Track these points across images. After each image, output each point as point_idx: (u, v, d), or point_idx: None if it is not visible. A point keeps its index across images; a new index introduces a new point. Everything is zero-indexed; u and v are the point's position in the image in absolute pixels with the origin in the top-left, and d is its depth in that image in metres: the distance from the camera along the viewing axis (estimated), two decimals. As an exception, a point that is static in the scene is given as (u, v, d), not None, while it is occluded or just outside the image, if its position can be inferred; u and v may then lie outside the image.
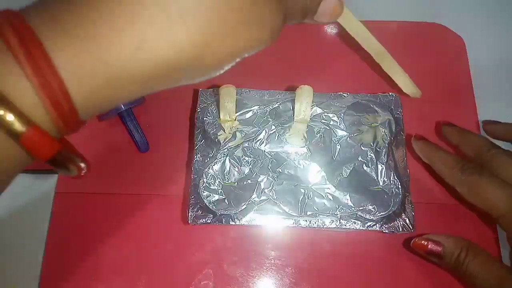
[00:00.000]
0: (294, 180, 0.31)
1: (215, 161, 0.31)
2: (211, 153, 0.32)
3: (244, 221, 0.30)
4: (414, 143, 0.31)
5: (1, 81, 0.13)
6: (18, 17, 0.14)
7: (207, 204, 0.30)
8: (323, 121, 0.33)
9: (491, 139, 0.32)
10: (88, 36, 0.14)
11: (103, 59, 0.14)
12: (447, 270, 0.29)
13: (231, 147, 0.32)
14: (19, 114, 0.13)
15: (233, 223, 0.30)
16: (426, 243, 0.28)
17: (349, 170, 0.31)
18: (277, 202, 0.30)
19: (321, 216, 0.30)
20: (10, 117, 0.13)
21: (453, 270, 0.27)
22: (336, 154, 0.32)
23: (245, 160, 0.31)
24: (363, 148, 0.32)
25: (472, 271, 0.26)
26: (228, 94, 0.32)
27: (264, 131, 0.32)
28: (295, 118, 0.33)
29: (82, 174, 0.16)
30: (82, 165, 0.16)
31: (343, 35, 0.40)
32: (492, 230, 0.32)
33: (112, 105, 0.16)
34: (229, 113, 0.33)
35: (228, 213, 0.30)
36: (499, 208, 0.26)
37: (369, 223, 0.30)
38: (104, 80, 0.14)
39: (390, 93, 0.34)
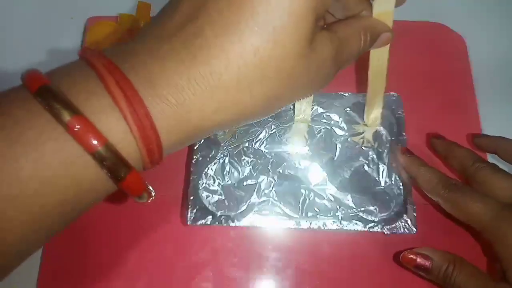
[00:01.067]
0: (294, 180, 0.31)
1: (214, 161, 0.31)
2: (211, 153, 0.32)
3: (244, 222, 0.30)
4: (400, 157, 0.32)
5: (107, 130, 0.15)
6: (117, 70, 0.16)
7: (207, 205, 0.30)
8: (323, 121, 0.33)
9: (480, 153, 0.32)
10: (179, 102, 0.17)
11: (188, 118, 0.17)
12: (435, 283, 0.29)
13: (231, 147, 0.31)
14: (124, 161, 0.16)
15: (233, 224, 0.30)
16: (415, 257, 0.28)
17: (350, 171, 0.31)
18: (278, 203, 0.30)
19: (322, 217, 0.30)
20: (116, 164, 0.16)
21: (441, 283, 0.28)
22: (337, 154, 0.32)
23: (245, 161, 0.31)
24: (364, 149, 0.32)
25: (459, 284, 0.27)
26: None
27: (264, 131, 0.32)
28: (295, 118, 0.32)
29: (149, 200, 0.18)
30: (153, 193, 0.18)
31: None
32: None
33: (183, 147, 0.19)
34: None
35: (228, 214, 0.30)
36: (481, 221, 0.27)
37: (370, 224, 0.30)
38: (185, 135, 0.18)
39: (391, 93, 0.34)
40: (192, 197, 0.30)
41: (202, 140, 0.32)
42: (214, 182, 0.31)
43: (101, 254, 0.32)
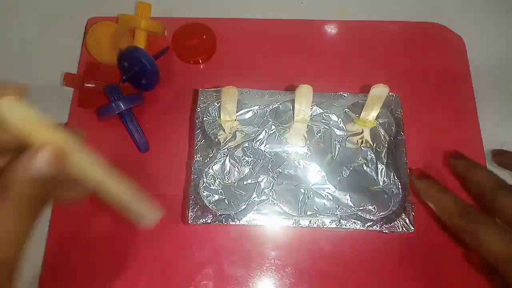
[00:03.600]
0: (294, 180, 0.31)
1: (215, 161, 0.31)
2: (211, 153, 0.32)
3: (244, 221, 0.30)
4: (414, 182, 0.31)
5: None
6: None
7: (207, 204, 0.30)
8: (323, 121, 0.33)
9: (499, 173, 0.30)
10: None
11: None
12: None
13: (231, 147, 0.32)
14: None
15: (233, 223, 0.30)
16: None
17: (349, 170, 0.31)
18: (277, 202, 0.30)
19: (321, 216, 0.30)
20: None
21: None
22: (336, 154, 0.32)
23: (245, 160, 0.31)
24: (363, 148, 0.32)
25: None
26: (230, 95, 0.32)
27: (264, 131, 0.32)
28: (295, 118, 0.33)
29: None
30: None
31: (343, 35, 0.40)
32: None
33: None
34: (230, 114, 0.33)
35: (228, 213, 0.30)
36: (497, 258, 0.26)
37: (369, 223, 0.30)
38: None
39: (390, 93, 0.34)
40: (192, 197, 0.31)
41: (203, 140, 0.33)
42: (214, 182, 0.31)
43: (102, 254, 0.32)
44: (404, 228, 0.30)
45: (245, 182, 0.31)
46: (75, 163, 0.20)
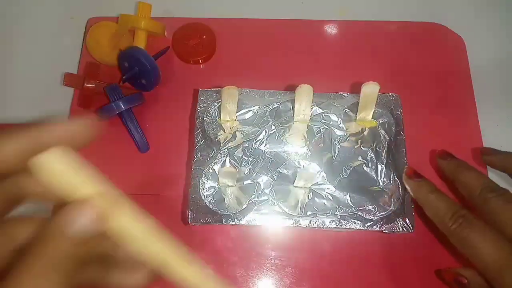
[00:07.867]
0: (294, 180, 0.31)
1: (215, 161, 0.31)
2: (211, 153, 0.32)
3: (244, 221, 0.30)
4: (406, 181, 0.29)
5: None
6: None
7: (207, 204, 0.30)
8: (323, 121, 0.33)
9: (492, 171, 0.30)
10: None
11: None
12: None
13: (231, 147, 0.32)
14: None
15: (233, 223, 0.30)
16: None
17: (349, 170, 0.31)
18: (277, 202, 0.30)
19: (321, 216, 0.30)
20: None
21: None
22: (336, 154, 0.32)
23: (245, 160, 0.31)
24: (363, 148, 0.32)
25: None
26: (230, 95, 0.32)
27: (264, 131, 0.32)
28: (295, 118, 0.33)
29: None
30: None
31: (343, 35, 0.40)
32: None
33: None
34: (230, 114, 0.33)
35: (228, 213, 0.30)
36: (488, 266, 0.24)
37: (369, 223, 0.30)
38: None
39: (390, 93, 0.34)
40: (192, 197, 0.31)
41: (203, 140, 0.33)
42: (214, 182, 0.31)
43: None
44: (404, 228, 0.30)
45: (245, 182, 0.31)
46: (120, 225, 0.17)
